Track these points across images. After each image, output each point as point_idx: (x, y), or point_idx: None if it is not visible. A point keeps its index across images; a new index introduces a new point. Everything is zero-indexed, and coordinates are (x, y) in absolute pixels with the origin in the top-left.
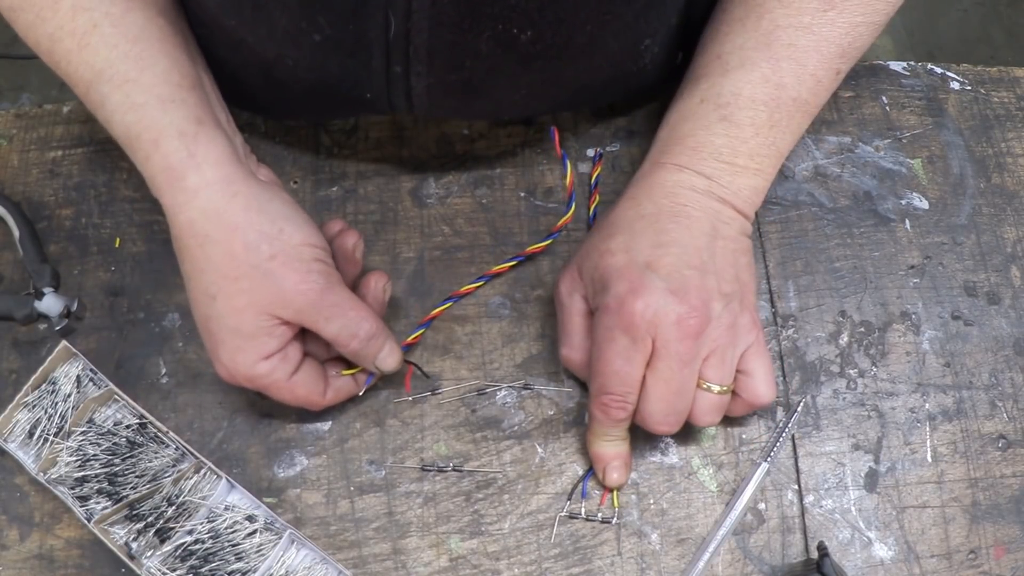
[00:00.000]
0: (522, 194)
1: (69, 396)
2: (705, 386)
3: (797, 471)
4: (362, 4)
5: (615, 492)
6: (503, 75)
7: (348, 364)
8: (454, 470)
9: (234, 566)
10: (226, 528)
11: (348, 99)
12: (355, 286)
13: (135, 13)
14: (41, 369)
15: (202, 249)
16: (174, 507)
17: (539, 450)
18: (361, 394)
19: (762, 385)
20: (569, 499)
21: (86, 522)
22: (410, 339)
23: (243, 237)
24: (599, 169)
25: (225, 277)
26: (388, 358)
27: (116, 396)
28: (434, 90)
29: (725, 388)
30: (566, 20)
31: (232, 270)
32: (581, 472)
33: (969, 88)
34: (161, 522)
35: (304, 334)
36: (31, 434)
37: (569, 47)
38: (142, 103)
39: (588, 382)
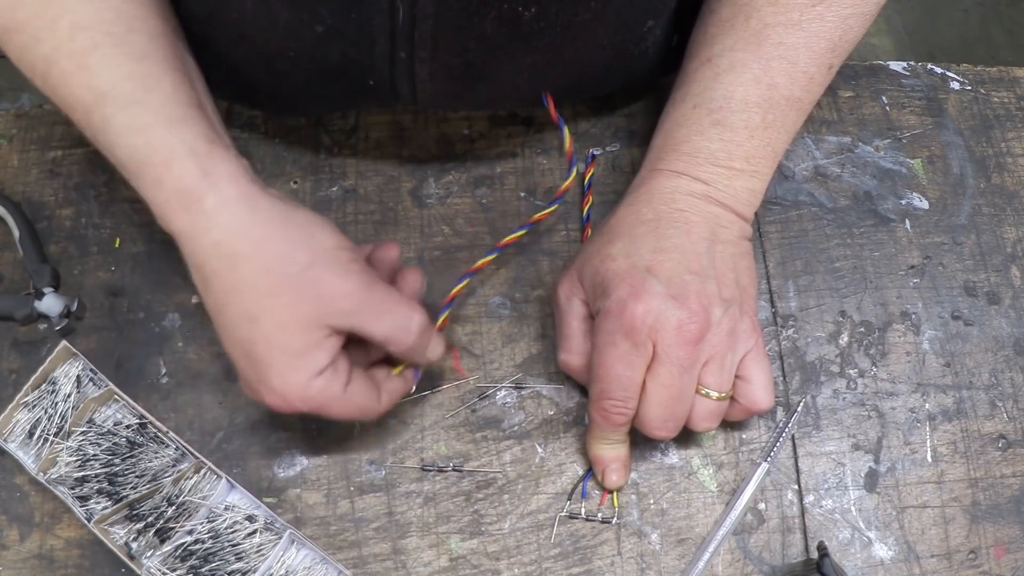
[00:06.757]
0: (522, 194)
1: (69, 396)
2: (704, 392)
3: (797, 471)
4: None
5: (615, 492)
6: (506, 56)
7: (389, 367)
8: (454, 470)
9: (234, 566)
10: (226, 528)
11: (351, 88)
12: None
13: (137, 34)
14: (41, 369)
15: (234, 271)
16: (174, 507)
17: (539, 450)
18: (413, 391)
19: (760, 391)
20: (569, 499)
21: (86, 522)
22: (439, 323)
23: (275, 248)
24: (592, 171)
25: (265, 295)
26: (437, 347)
27: (116, 396)
28: (437, 75)
29: (724, 394)
30: None
31: (270, 286)
32: (581, 472)
33: (969, 88)
34: (161, 522)
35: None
36: (31, 434)
37: (573, 25)
38: (149, 124)
39: (588, 386)
